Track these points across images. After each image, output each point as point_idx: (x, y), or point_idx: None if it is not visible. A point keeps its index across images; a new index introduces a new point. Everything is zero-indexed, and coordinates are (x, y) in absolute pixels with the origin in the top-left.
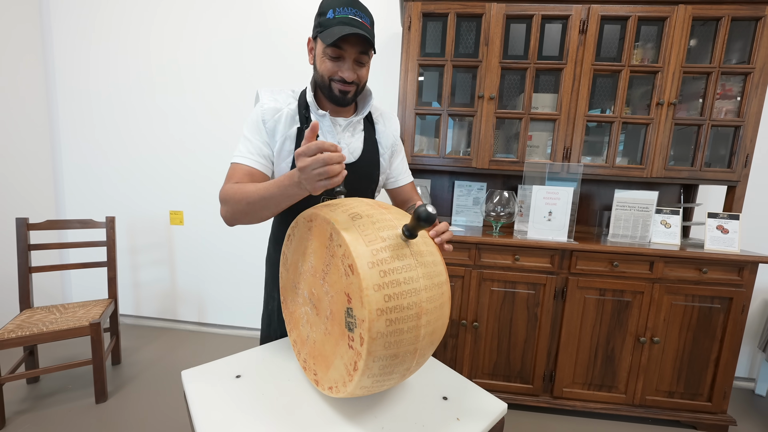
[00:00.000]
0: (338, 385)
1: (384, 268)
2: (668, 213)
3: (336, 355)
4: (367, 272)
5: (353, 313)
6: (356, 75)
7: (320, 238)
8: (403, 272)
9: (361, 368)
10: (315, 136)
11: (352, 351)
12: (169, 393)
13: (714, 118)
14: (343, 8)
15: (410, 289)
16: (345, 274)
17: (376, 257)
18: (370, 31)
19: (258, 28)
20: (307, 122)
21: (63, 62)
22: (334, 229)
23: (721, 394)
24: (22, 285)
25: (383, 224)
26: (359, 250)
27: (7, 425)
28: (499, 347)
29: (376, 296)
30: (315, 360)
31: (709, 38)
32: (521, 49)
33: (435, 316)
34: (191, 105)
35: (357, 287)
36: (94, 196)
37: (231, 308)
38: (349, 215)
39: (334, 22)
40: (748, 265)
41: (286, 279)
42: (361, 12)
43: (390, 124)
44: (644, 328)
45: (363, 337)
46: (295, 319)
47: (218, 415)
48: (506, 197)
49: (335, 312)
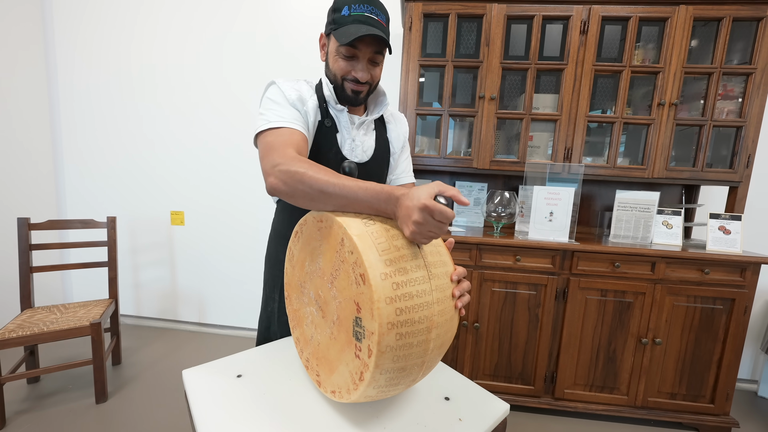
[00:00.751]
0: (341, 391)
1: (397, 280)
2: (670, 214)
3: (341, 361)
4: (380, 284)
5: (362, 324)
6: (370, 75)
7: (330, 240)
8: (416, 285)
9: (367, 379)
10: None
11: (358, 361)
12: (170, 393)
13: (715, 118)
14: (359, 5)
15: (422, 302)
16: (356, 283)
17: (389, 268)
18: (386, 30)
19: (262, 27)
20: (327, 116)
21: (64, 62)
22: (346, 234)
23: (724, 395)
24: (23, 285)
25: (397, 231)
26: (372, 259)
27: (7, 425)
28: (500, 348)
29: (388, 309)
30: (318, 362)
31: (710, 39)
32: (522, 49)
33: (445, 329)
34: (193, 105)
35: (368, 298)
36: (95, 196)
37: (231, 309)
38: (362, 220)
39: (350, 20)
40: (750, 266)
41: (291, 276)
42: (377, 9)
43: (401, 125)
44: (646, 329)
45: (372, 349)
46: (299, 318)
47: (219, 415)
48: (507, 198)
49: (342, 318)
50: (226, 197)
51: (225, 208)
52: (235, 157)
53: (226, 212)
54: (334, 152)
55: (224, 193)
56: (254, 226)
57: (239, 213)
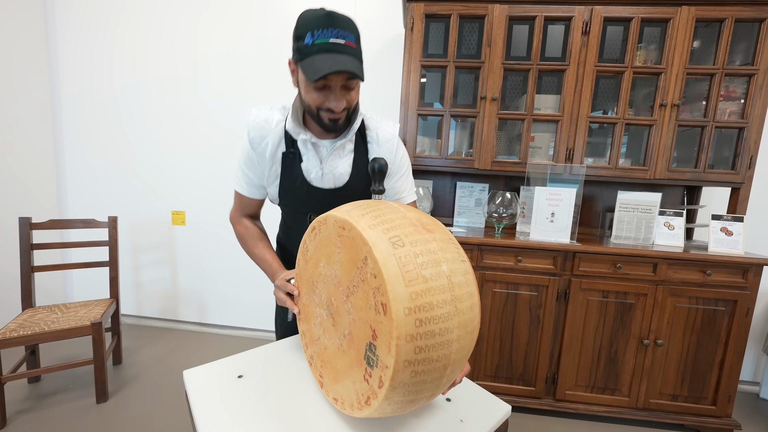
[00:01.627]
0: (344, 404)
1: (421, 316)
2: (671, 215)
3: (348, 375)
4: (402, 319)
5: (377, 352)
6: (345, 101)
7: (352, 253)
8: (440, 322)
9: (374, 406)
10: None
11: (367, 385)
12: (170, 393)
13: (718, 119)
14: (322, 30)
15: (444, 341)
16: (375, 310)
17: (414, 302)
18: (355, 51)
19: (271, 29)
20: (293, 146)
21: (66, 62)
22: (371, 254)
23: (726, 397)
24: (24, 284)
25: (427, 258)
26: (397, 291)
27: (8, 424)
28: (501, 349)
29: (407, 347)
30: (323, 365)
31: (712, 40)
32: (524, 50)
33: (459, 365)
34: (194, 106)
35: (387, 331)
36: (96, 196)
37: (232, 309)
38: (390, 239)
39: (314, 50)
40: (752, 268)
41: (304, 269)
42: (343, 31)
43: (384, 144)
44: (648, 330)
45: (383, 381)
46: (308, 314)
47: (220, 415)
48: (508, 198)
49: (355, 336)
50: (228, 197)
51: (226, 209)
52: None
53: (227, 212)
54: (300, 181)
55: (225, 194)
56: None
57: None
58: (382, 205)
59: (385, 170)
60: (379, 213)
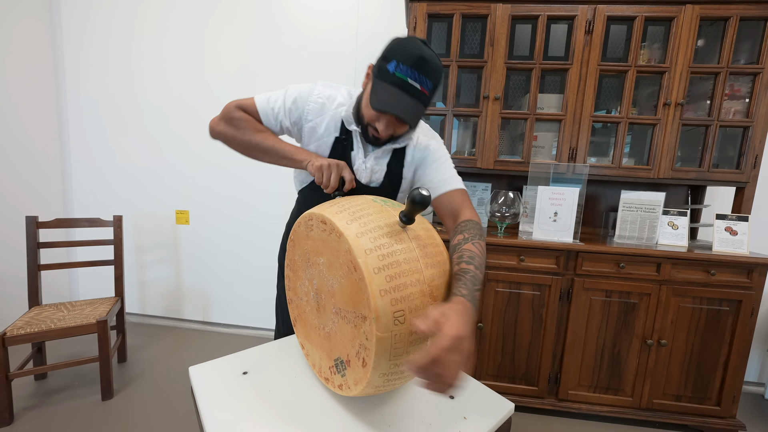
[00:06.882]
0: (322, 372)
1: (394, 370)
2: (675, 214)
3: (323, 356)
4: (374, 377)
5: (345, 371)
6: (392, 131)
7: (352, 282)
8: (399, 256)
9: (345, 393)
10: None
11: (339, 378)
12: (174, 391)
13: (722, 118)
14: (407, 68)
15: (410, 268)
16: (357, 359)
17: (390, 371)
18: (425, 100)
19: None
20: (347, 134)
21: (72, 62)
22: (369, 312)
23: (730, 398)
24: (31, 282)
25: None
26: (382, 364)
27: (15, 420)
28: (504, 348)
29: (376, 381)
30: (306, 330)
31: (717, 38)
32: (527, 49)
33: (441, 290)
34: (199, 104)
35: (362, 377)
36: (101, 195)
37: (236, 307)
38: (393, 314)
39: (390, 80)
40: (757, 267)
41: (305, 240)
42: (424, 77)
43: (420, 151)
44: (651, 330)
45: (350, 388)
46: (296, 287)
47: (226, 411)
48: (511, 198)
49: (334, 340)
50: (231, 196)
51: (230, 208)
52: (240, 156)
53: (230, 211)
54: None
55: (229, 193)
56: (259, 225)
57: (244, 212)
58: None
59: (427, 203)
60: (383, 215)
